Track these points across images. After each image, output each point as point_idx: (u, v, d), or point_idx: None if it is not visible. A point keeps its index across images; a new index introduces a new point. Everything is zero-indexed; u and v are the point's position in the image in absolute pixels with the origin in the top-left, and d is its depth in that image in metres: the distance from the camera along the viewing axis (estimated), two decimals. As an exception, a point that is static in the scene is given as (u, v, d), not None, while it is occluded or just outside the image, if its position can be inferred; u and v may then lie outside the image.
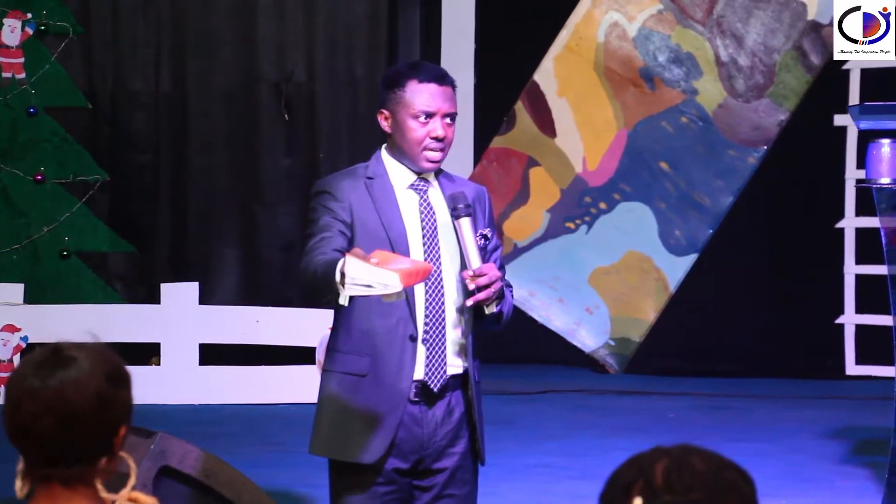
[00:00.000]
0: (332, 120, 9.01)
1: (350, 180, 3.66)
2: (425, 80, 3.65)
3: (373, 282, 3.22)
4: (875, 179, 4.94)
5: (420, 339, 3.58)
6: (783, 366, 9.31)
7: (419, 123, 3.62)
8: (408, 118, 3.62)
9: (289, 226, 8.98)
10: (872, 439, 6.72)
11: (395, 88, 3.66)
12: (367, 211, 3.60)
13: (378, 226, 3.59)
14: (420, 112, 3.62)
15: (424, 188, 3.68)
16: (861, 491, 5.70)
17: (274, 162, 9.01)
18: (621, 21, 9.83)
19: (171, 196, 9.04)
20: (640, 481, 1.76)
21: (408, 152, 3.64)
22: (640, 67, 9.70)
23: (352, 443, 3.60)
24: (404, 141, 3.64)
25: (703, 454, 1.79)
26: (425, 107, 3.62)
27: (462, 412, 3.64)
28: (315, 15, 9.03)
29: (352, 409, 3.60)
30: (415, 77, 3.66)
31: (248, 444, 6.93)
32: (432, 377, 3.60)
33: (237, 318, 8.51)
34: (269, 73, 9.00)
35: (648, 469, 1.77)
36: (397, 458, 3.59)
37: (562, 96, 9.88)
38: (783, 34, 9.54)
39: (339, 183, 3.65)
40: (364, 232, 3.58)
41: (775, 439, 7.09)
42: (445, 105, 3.64)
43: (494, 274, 3.52)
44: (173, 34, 9.06)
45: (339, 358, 3.67)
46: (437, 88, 3.65)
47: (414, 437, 3.60)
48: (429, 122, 3.62)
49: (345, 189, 3.63)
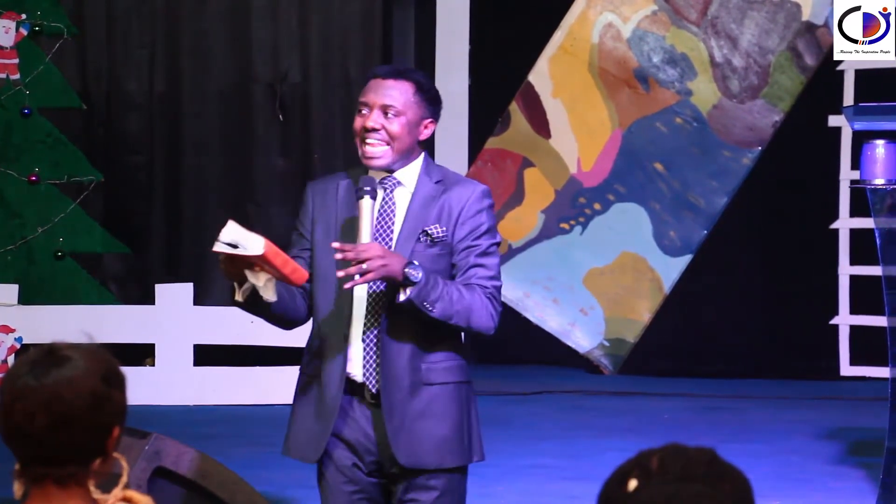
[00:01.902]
0: (327, 121, 9.01)
1: (326, 184, 3.75)
2: (371, 77, 3.69)
3: (238, 241, 3.36)
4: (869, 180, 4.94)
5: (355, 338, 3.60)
6: (777, 367, 9.31)
7: (359, 115, 3.64)
8: (356, 112, 3.68)
9: (283, 226, 8.96)
10: (867, 440, 6.72)
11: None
12: (326, 215, 3.67)
13: (332, 223, 3.65)
14: (360, 104, 3.65)
15: (391, 185, 3.65)
16: (855, 492, 5.70)
17: (268, 163, 9.00)
18: (615, 22, 9.83)
19: (165, 197, 9.03)
20: (637, 469, 1.79)
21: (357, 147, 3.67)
22: (634, 68, 9.71)
23: (298, 443, 3.71)
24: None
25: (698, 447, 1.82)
26: (363, 98, 3.64)
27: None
28: (309, 16, 9.03)
29: (299, 409, 3.72)
30: (370, 74, 3.72)
31: (243, 445, 6.92)
32: (370, 378, 3.59)
33: (231, 318, 8.49)
34: (263, 74, 9.00)
35: (645, 458, 1.80)
36: (354, 455, 3.62)
37: (556, 97, 9.88)
38: (777, 35, 9.54)
39: (312, 190, 3.75)
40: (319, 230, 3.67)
41: (769, 440, 7.09)
42: (381, 97, 3.61)
43: (373, 252, 3.45)
44: (167, 35, 9.05)
45: (304, 358, 3.78)
46: (379, 82, 3.65)
47: (367, 437, 3.61)
48: (364, 114, 3.63)
49: (316, 194, 3.73)
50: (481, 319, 3.56)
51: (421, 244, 3.58)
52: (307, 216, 3.71)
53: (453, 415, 3.62)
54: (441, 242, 3.59)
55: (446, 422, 3.61)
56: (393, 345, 3.57)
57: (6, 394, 2.22)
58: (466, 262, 3.59)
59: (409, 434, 3.57)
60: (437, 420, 3.60)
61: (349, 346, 3.60)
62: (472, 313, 3.54)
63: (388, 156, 3.60)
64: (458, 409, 3.64)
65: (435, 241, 3.59)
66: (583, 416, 8.01)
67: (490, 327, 3.59)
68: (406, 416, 3.57)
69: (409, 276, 3.46)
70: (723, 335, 9.49)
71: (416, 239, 3.58)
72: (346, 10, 9.01)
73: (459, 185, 3.68)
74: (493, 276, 3.61)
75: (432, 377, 3.60)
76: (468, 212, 3.62)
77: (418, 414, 3.58)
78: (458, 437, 3.64)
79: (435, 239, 3.59)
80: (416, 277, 3.47)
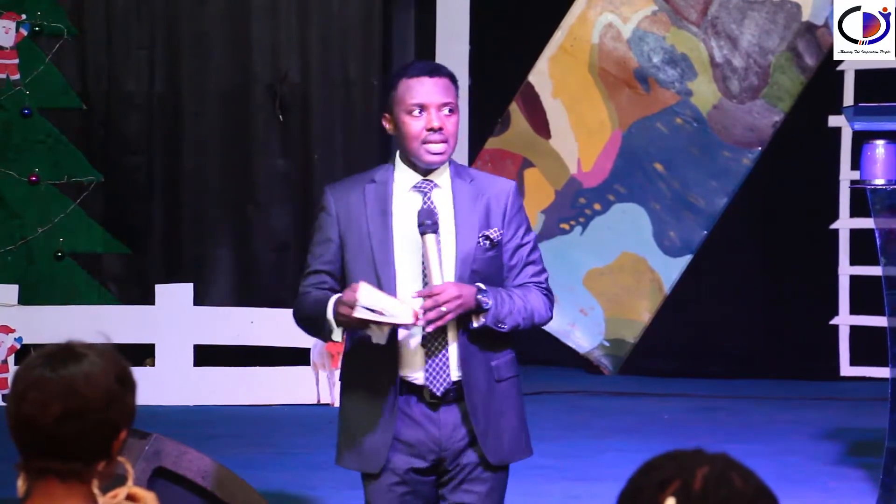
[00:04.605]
0: (327, 121, 9.01)
1: (348, 189, 3.69)
2: (415, 75, 3.65)
3: (384, 309, 3.40)
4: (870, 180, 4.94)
5: (411, 342, 3.59)
6: (777, 367, 9.31)
7: (413, 118, 3.61)
8: (403, 115, 3.62)
9: (283, 227, 8.97)
10: (866, 440, 6.72)
11: (391, 90, 3.68)
12: (357, 218, 3.64)
13: (364, 235, 3.62)
14: (412, 106, 3.62)
15: (428, 189, 3.65)
16: (855, 492, 5.70)
17: (268, 163, 9.00)
18: (616, 22, 9.83)
19: (165, 197, 9.03)
20: (678, 481, 1.74)
21: (409, 147, 3.63)
22: (634, 68, 9.70)
23: (356, 452, 3.66)
24: (404, 138, 3.64)
25: (743, 472, 1.76)
26: (416, 100, 3.62)
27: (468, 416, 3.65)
28: (309, 16, 9.03)
29: (353, 418, 3.67)
30: (405, 75, 3.67)
31: (243, 446, 6.92)
32: (434, 381, 3.60)
33: (231, 319, 8.51)
34: (263, 75, 9.00)
35: (688, 472, 1.74)
36: (414, 457, 3.62)
37: (556, 97, 9.88)
38: (777, 35, 9.54)
39: (334, 195, 3.69)
40: (351, 242, 3.63)
41: (769, 440, 7.09)
42: (438, 96, 3.63)
43: (449, 294, 3.49)
44: (167, 35, 9.05)
45: (353, 367, 3.72)
46: (427, 80, 3.64)
47: (430, 436, 3.61)
48: (423, 114, 3.61)
49: (339, 198, 3.67)
50: (542, 316, 3.69)
51: (480, 248, 3.62)
52: (332, 224, 3.67)
53: (518, 408, 3.73)
54: (498, 244, 3.66)
55: (515, 416, 3.72)
56: (469, 348, 3.62)
57: (20, 382, 2.23)
58: (519, 260, 3.68)
59: (495, 432, 3.65)
60: (509, 415, 3.69)
61: (403, 349, 3.60)
62: (534, 314, 3.67)
63: (446, 155, 3.64)
64: (520, 402, 3.75)
65: (494, 245, 3.65)
66: (583, 416, 8.01)
67: (549, 318, 3.74)
68: (490, 416, 3.64)
69: (482, 303, 3.56)
70: (723, 335, 9.48)
71: (475, 243, 3.62)
72: (346, 10, 9.01)
73: (491, 182, 3.73)
74: (541, 269, 3.73)
75: (501, 373, 3.68)
76: (511, 210, 3.69)
77: (497, 412, 3.66)
78: (523, 429, 3.76)
79: (494, 242, 3.65)
80: (488, 304, 3.57)
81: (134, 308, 8.65)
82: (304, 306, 3.65)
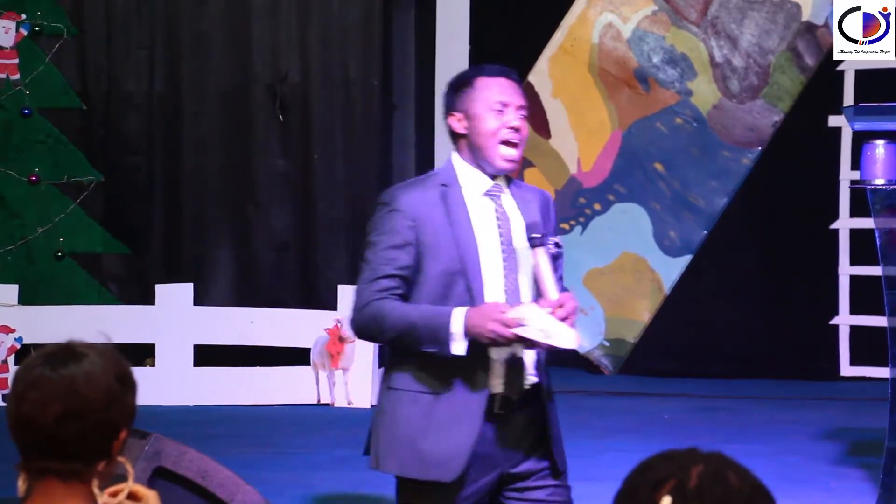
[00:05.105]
0: (327, 121, 9.01)
1: (421, 191, 3.57)
2: (494, 75, 3.63)
3: (550, 333, 3.40)
4: (870, 180, 4.94)
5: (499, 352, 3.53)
6: (777, 367, 9.31)
7: (494, 113, 3.56)
8: (483, 111, 3.57)
9: (283, 227, 8.97)
10: (867, 440, 6.72)
11: (465, 88, 3.62)
12: (438, 224, 3.52)
13: (449, 241, 3.51)
14: (495, 102, 3.57)
15: (498, 194, 3.61)
16: (855, 492, 5.70)
17: (268, 163, 9.00)
18: (615, 22, 9.83)
19: (165, 197, 9.03)
20: (674, 480, 1.73)
21: (484, 147, 3.56)
22: (634, 68, 9.70)
23: (432, 462, 3.52)
24: (480, 135, 3.57)
25: (739, 471, 1.76)
26: (500, 97, 3.58)
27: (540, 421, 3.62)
28: (309, 16, 9.03)
29: (429, 428, 3.53)
30: (482, 73, 3.64)
31: (243, 446, 6.92)
32: (510, 389, 3.55)
33: (231, 319, 8.51)
34: (263, 75, 9.00)
35: (684, 471, 1.74)
36: (479, 471, 3.54)
37: (556, 97, 9.88)
38: (777, 35, 9.54)
39: (407, 196, 3.55)
40: (435, 247, 3.51)
41: (769, 440, 7.09)
42: (518, 97, 3.61)
43: (572, 305, 3.50)
44: (167, 35, 9.05)
45: (409, 377, 3.55)
46: (506, 81, 3.62)
47: (497, 449, 3.55)
48: (504, 112, 3.57)
49: (414, 202, 3.54)
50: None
51: (550, 254, 3.61)
52: (408, 227, 3.52)
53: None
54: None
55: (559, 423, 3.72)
56: (540, 354, 3.61)
57: (20, 382, 2.23)
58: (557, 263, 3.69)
59: (557, 438, 3.65)
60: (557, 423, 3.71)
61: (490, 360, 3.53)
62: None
63: (518, 163, 3.61)
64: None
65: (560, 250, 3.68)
66: (582, 416, 8.01)
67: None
68: (555, 424, 3.65)
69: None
70: (723, 335, 9.48)
71: (547, 248, 3.60)
72: (346, 11, 9.01)
73: (533, 190, 3.74)
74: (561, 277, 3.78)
75: (550, 382, 3.69)
76: (555, 219, 3.75)
77: (556, 419, 3.67)
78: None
79: (560, 248, 3.67)
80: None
81: (134, 308, 8.65)
82: (392, 316, 3.47)
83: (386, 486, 5.98)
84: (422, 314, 3.45)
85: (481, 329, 3.40)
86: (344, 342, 8.25)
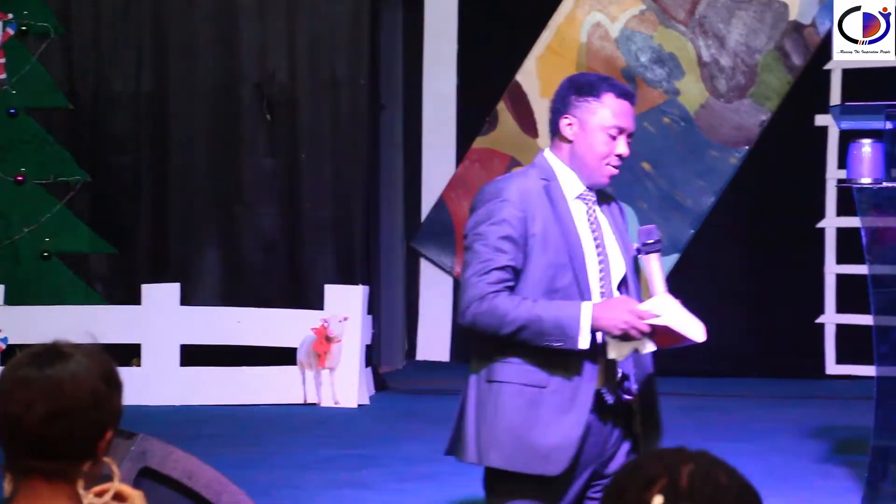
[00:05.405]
0: (314, 120, 9.00)
1: (526, 184, 3.56)
2: (622, 97, 3.60)
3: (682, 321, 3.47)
4: (856, 179, 4.95)
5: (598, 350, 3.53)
6: (764, 365, 9.32)
7: (608, 138, 3.57)
8: (599, 131, 3.57)
9: (270, 227, 8.96)
10: (852, 439, 6.73)
11: (589, 97, 3.59)
12: (545, 217, 3.52)
13: (557, 234, 3.52)
14: (614, 127, 3.57)
15: (591, 200, 3.63)
16: (840, 490, 5.71)
17: (255, 163, 8.99)
18: (604, 21, 9.83)
19: (152, 197, 9.02)
20: (665, 479, 1.74)
21: (589, 163, 3.58)
22: (622, 67, 9.71)
23: (539, 454, 3.50)
24: (588, 152, 3.58)
25: (728, 470, 1.78)
26: (620, 123, 3.58)
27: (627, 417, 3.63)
28: (297, 16, 9.02)
29: (536, 421, 3.50)
30: (612, 91, 3.60)
31: (229, 445, 6.91)
32: (609, 386, 3.57)
33: (218, 318, 8.50)
34: (250, 74, 8.99)
35: (674, 470, 1.75)
36: (577, 467, 3.54)
37: (544, 97, 9.88)
38: (765, 35, 9.55)
39: (516, 187, 3.54)
40: (543, 239, 3.51)
41: (755, 439, 7.10)
42: (632, 123, 3.62)
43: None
44: (154, 35, 9.04)
45: (514, 369, 3.52)
46: (628, 106, 3.61)
47: (593, 445, 3.56)
48: (618, 138, 3.58)
49: (523, 194, 3.53)
50: None
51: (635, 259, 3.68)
52: (520, 219, 3.51)
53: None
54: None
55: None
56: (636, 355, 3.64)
57: (6, 381, 2.22)
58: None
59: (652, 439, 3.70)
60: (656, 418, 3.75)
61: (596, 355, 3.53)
62: None
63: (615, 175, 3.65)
64: None
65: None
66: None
67: None
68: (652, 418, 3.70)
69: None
70: (709, 334, 9.47)
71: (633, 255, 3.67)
72: (334, 10, 9.00)
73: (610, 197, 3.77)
74: None
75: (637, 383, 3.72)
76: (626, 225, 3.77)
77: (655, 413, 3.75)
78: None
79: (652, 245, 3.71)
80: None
81: (120, 308, 8.64)
82: (515, 309, 3.44)
83: (373, 485, 5.98)
84: (547, 308, 3.44)
85: (615, 321, 3.43)
86: (331, 342, 8.24)
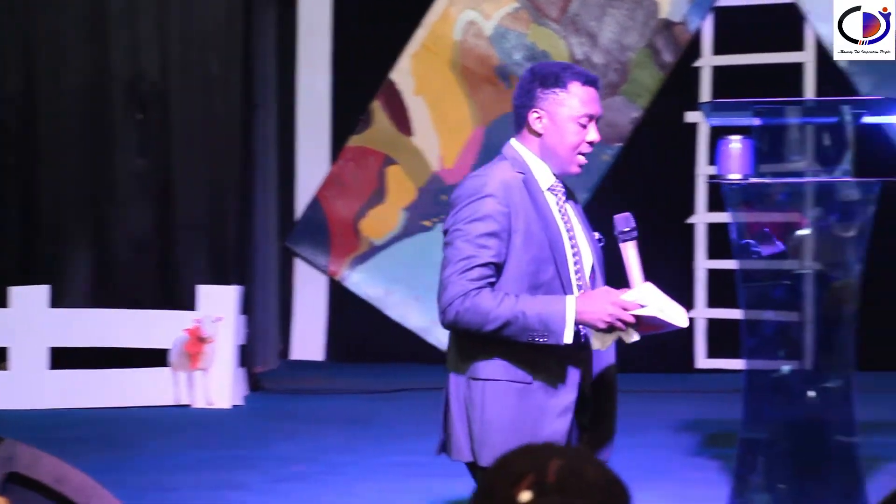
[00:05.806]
0: (187, 119, 8.91)
1: (505, 178, 3.51)
2: (587, 84, 3.55)
3: (665, 312, 3.41)
4: (725, 175, 5.02)
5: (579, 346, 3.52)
6: (633, 360, 9.43)
7: (579, 127, 3.53)
8: (569, 121, 3.53)
9: (142, 227, 8.86)
10: (721, 432, 6.84)
11: (556, 88, 3.54)
12: (526, 211, 3.49)
13: (539, 229, 3.50)
14: (584, 116, 3.53)
15: (560, 191, 3.61)
16: (710, 482, 5.79)
17: (126, 162, 8.88)
18: (477, 19, 9.88)
19: (20, 197, 8.86)
20: (532, 475, 1.75)
21: (561, 154, 3.54)
22: (495, 65, 9.76)
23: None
24: (560, 143, 3.54)
25: (596, 464, 1.79)
26: (589, 110, 3.54)
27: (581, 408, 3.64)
28: (169, 13, 8.92)
29: (524, 418, 3.49)
30: (577, 79, 3.55)
31: (100, 449, 6.81)
32: (585, 383, 3.58)
33: (88, 320, 8.37)
34: (121, 72, 8.87)
35: (541, 465, 1.76)
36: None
37: (418, 95, 9.89)
38: (637, 32, 9.67)
39: (499, 182, 3.49)
40: (526, 234, 3.48)
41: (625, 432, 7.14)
42: (599, 108, 3.58)
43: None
44: (21, 33, 8.88)
45: (498, 366, 3.49)
46: (594, 92, 3.57)
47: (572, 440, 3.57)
48: (588, 126, 3.55)
49: (505, 189, 3.49)
50: None
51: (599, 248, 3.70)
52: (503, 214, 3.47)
53: None
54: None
55: None
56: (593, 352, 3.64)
57: None
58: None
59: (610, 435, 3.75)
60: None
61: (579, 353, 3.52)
62: None
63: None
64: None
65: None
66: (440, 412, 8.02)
67: None
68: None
69: None
70: (584, 330, 9.57)
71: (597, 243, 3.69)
72: (207, 8, 8.93)
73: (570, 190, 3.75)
74: None
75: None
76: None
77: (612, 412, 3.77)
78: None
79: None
80: None
81: (-12, 310, 8.47)
82: (498, 306, 3.40)
83: (247, 486, 5.94)
84: (531, 304, 3.40)
85: (599, 314, 3.41)
86: (203, 342, 8.17)
